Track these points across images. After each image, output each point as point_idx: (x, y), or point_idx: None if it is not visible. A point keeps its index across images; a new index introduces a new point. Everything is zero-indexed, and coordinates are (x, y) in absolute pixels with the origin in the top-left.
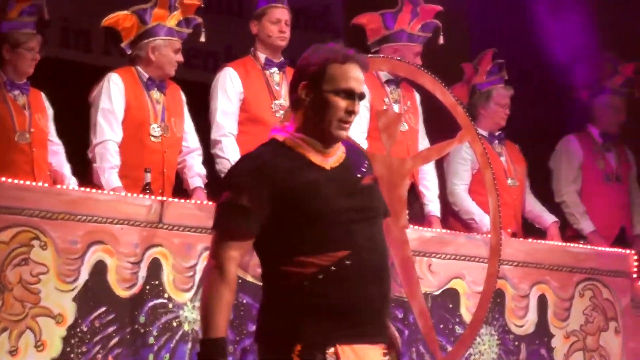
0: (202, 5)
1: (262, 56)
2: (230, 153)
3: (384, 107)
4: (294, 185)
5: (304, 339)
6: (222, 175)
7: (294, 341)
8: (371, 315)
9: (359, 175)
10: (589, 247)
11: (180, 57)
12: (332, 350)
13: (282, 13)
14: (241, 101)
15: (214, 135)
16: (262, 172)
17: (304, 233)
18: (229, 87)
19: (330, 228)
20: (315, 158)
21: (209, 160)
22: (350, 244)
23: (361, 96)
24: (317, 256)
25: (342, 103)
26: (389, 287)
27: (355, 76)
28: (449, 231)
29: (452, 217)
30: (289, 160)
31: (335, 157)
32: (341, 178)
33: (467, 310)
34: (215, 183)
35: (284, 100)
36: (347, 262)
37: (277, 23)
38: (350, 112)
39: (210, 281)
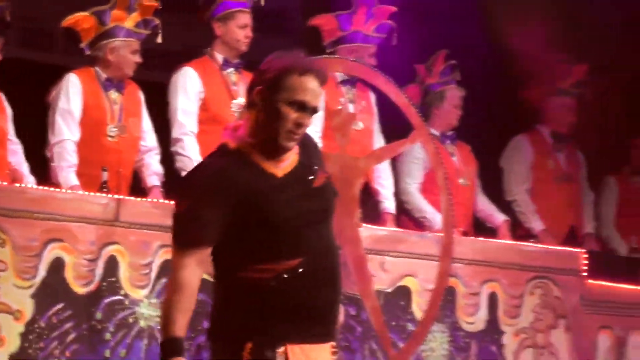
0: (160, 7)
1: (219, 56)
2: (191, 151)
3: (339, 107)
4: (247, 196)
5: (255, 338)
6: (183, 172)
7: (245, 340)
8: (322, 317)
9: (310, 177)
10: (539, 245)
11: (138, 58)
12: (282, 349)
13: (248, 18)
14: (201, 100)
15: (175, 133)
16: (217, 183)
17: (257, 242)
18: (189, 86)
19: (283, 236)
20: (267, 165)
21: (167, 158)
22: (303, 251)
23: (314, 110)
24: (270, 263)
25: (293, 115)
26: (339, 288)
27: (311, 89)
28: (401, 230)
29: (404, 215)
30: (242, 169)
31: (288, 161)
32: (293, 183)
33: (418, 308)
34: (174, 181)
35: (241, 99)
36: (300, 269)
37: (244, 28)
38: (300, 125)
39: (167, 288)
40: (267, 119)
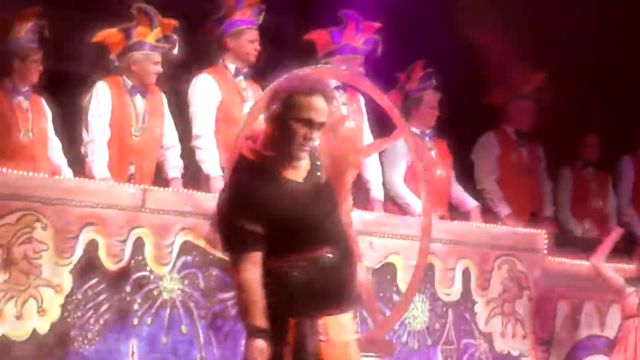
0: (178, 25)
1: (231, 66)
2: (209, 145)
3: (333, 109)
4: (278, 203)
5: (298, 314)
6: (202, 164)
7: (289, 316)
8: (347, 292)
9: (318, 174)
10: (505, 227)
11: (159, 69)
12: (322, 321)
13: (256, 34)
14: (219, 102)
15: (196, 130)
16: (249, 199)
17: (289, 238)
18: (207, 90)
19: (310, 232)
20: (287, 173)
21: (186, 153)
22: (327, 240)
23: (321, 125)
24: (301, 254)
25: (301, 130)
26: (356, 266)
27: (316, 107)
28: (387, 214)
29: (390, 202)
30: (268, 180)
31: (303, 166)
32: (311, 184)
33: (402, 281)
34: (193, 174)
35: (251, 102)
36: (328, 254)
37: (253, 42)
38: (308, 139)
39: (236, 289)
40: (280, 134)
